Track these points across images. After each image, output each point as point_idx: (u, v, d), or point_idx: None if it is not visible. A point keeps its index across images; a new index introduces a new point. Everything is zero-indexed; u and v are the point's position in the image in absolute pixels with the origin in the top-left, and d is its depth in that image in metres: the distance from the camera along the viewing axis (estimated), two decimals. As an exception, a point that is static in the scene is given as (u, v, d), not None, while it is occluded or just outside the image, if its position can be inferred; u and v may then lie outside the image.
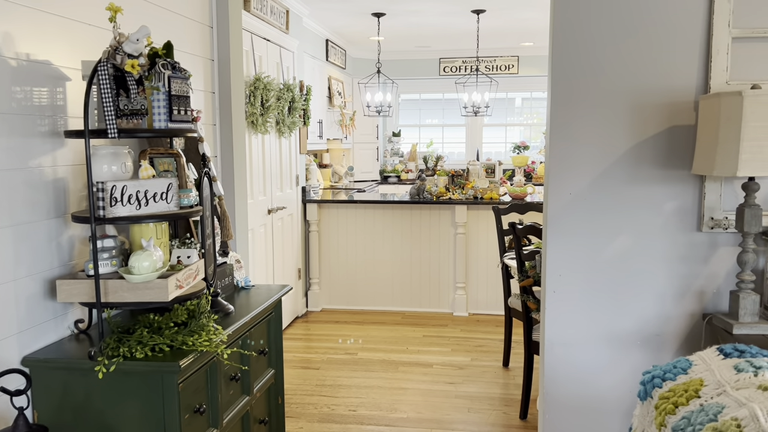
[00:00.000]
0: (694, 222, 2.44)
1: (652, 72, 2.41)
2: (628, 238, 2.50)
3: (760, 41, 2.32)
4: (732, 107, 2.05)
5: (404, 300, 5.65)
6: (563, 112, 2.50)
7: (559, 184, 2.53)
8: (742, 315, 2.21)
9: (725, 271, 2.44)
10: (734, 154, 2.05)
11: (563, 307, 2.57)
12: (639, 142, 2.46)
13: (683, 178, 2.44)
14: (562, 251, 2.55)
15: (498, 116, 9.00)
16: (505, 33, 7.25)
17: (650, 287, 2.50)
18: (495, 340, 4.82)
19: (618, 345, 2.54)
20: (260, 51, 4.53)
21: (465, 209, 5.43)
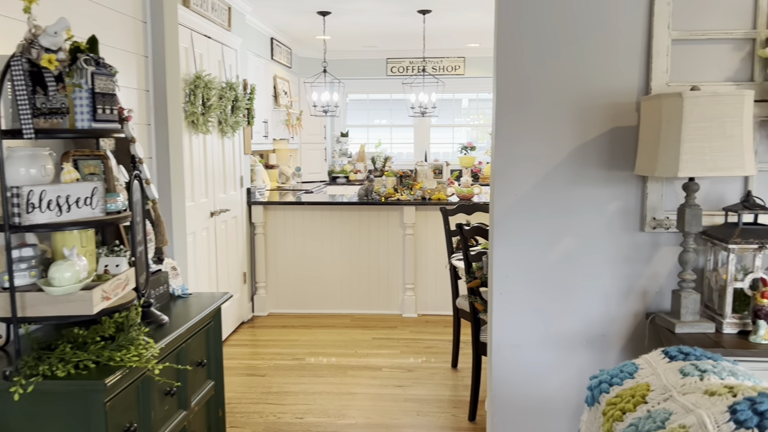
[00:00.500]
0: (637, 222, 2.46)
1: (595, 73, 2.42)
2: (573, 239, 2.50)
3: (698, 43, 2.35)
4: (673, 108, 2.06)
5: (353, 302, 5.57)
6: (508, 114, 2.48)
7: (505, 186, 2.51)
8: (683, 314, 2.23)
9: (667, 270, 2.47)
10: (675, 155, 2.06)
11: (510, 309, 2.55)
12: (583, 143, 2.46)
13: (626, 178, 2.45)
14: (509, 253, 2.53)
15: (445, 117, 9.02)
16: (451, 34, 7.27)
17: (595, 288, 2.51)
18: (444, 340, 4.80)
19: (564, 346, 2.54)
20: (201, 48, 4.38)
21: (413, 210, 5.40)
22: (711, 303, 2.33)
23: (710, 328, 2.21)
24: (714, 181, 2.40)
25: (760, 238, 2.16)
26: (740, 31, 2.31)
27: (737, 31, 2.31)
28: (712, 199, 2.41)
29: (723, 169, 2.04)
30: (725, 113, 2.03)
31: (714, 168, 2.04)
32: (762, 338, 2.09)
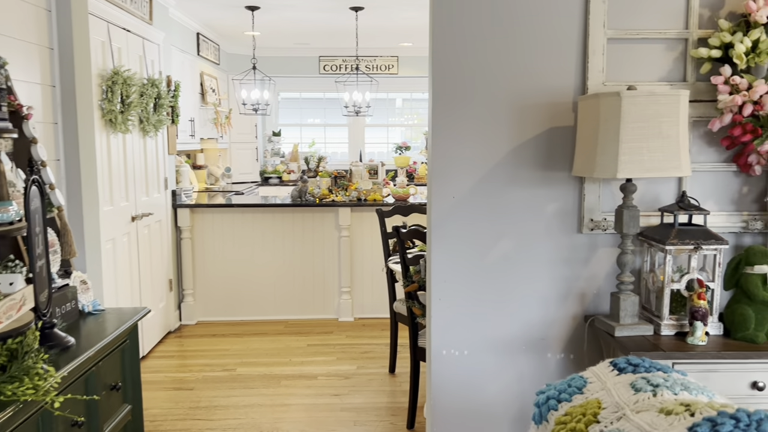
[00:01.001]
0: (575, 224, 2.42)
1: (533, 72, 2.36)
2: (511, 241, 2.44)
3: (633, 42, 2.32)
4: (611, 108, 2.02)
5: (287, 308, 5.39)
6: (445, 114, 2.39)
7: (442, 188, 2.42)
8: (623, 317, 2.20)
9: (605, 272, 2.44)
10: (614, 155, 2.02)
11: (449, 314, 2.46)
12: (521, 144, 2.40)
13: (564, 180, 2.40)
14: (447, 257, 2.44)
15: (379, 116, 8.94)
16: (384, 32, 7.18)
17: (534, 291, 2.45)
18: (381, 344, 4.70)
19: (504, 350, 2.48)
20: (119, 42, 4.10)
21: (349, 211, 5.27)
22: (648, 305, 2.32)
23: (649, 331, 2.19)
24: (649, 182, 2.39)
25: (695, 239, 2.15)
26: (673, 31, 2.30)
27: (670, 31, 2.30)
28: (648, 200, 2.40)
29: (660, 170, 2.01)
30: (662, 113, 2.00)
31: (652, 169, 2.01)
32: (699, 339, 2.08)
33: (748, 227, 2.36)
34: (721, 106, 2.21)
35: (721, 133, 2.32)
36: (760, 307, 2.09)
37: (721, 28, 2.20)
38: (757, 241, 2.39)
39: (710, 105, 2.30)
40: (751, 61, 2.15)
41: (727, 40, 2.16)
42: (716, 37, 2.20)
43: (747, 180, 2.38)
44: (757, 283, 2.09)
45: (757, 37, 2.13)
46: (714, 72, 2.25)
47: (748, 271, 2.12)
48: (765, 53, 2.15)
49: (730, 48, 2.17)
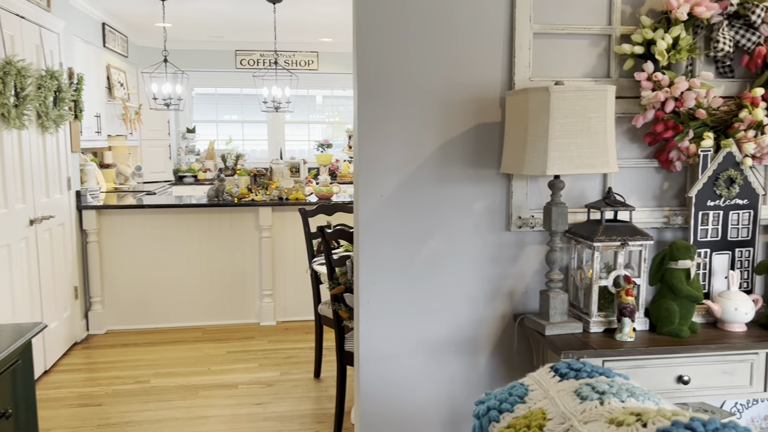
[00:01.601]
0: (503, 221, 2.38)
1: (459, 67, 2.29)
2: (440, 241, 2.37)
3: (559, 38, 2.30)
4: (539, 103, 1.98)
5: (205, 313, 5.14)
6: (370, 111, 2.28)
7: (369, 187, 2.32)
8: (552, 315, 2.18)
9: (533, 269, 2.42)
10: (543, 152, 1.98)
11: (378, 318, 2.37)
12: (448, 141, 2.33)
13: (491, 177, 2.36)
14: (375, 258, 2.34)
15: (300, 113, 8.75)
16: (303, 27, 7.00)
17: (463, 291, 2.39)
18: (306, 348, 4.56)
19: (434, 353, 2.41)
20: (12, 30, 3.74)
21: (270, 211, 5.08)
22: (577, 302, 2.31)
23: (578, 328, 2.17)
24: (575, 178, 2.38)
25: (622, 235, 2.15)
26: (597, 26, 2.30)
27: (594, 27, 2.30)
28: (574, 196, 2.39)
29: (589, 166, 1.99)
30: (590, 109, 1.98)
31: (581, 165, 1.98)
32: (627, 336, 2.08)
33: (669, 222, 2.40)
34: (644, 102, 2.22)
35: (644, 129, 2.34)
36: (684, 302, 2.11)
37: (643, 24, 2.21)
38: (678, 236, 2.44)
39: (633, 101, 2.32)
40: (672, 58, 2.17)
41: (649, 37, 2.18)
42: (639, 33, 2.21)
43: (668, 176, 2.41)
44: (681, 277, 2.12)
45: (677, 34, 2.15)
46: (637, 68, 2.27)
47: (672, 266, 2.14)
48: (685, 50, 2.18)
49: (652, 44, 2.19)
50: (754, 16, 2.18)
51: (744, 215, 2.29)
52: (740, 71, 2.36)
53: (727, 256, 2.31)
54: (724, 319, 2.18)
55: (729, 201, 2.27)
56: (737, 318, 2.15)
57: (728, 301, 2.16)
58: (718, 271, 2.31)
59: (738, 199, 2.27)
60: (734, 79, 2.36)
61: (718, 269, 2.31)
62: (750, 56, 2.26)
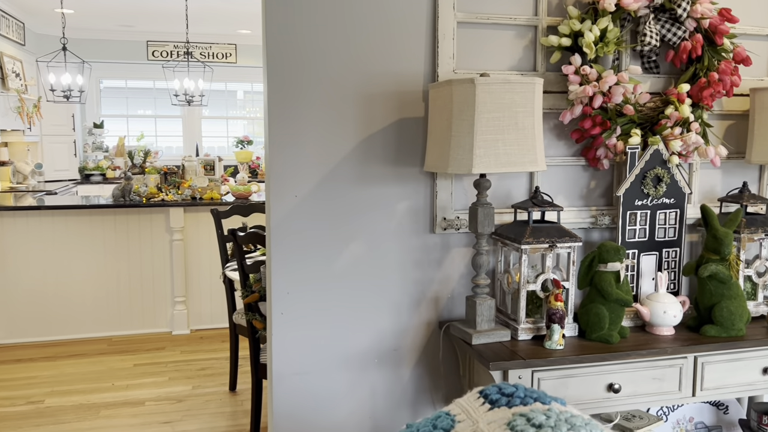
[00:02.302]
0: (428, 223, 2.22)
1: (379, 57, 2.12)
2: (361, 244, 2.18)
3: (484, 28, 2.17)
4: (464, 96, 1.83)
5: (111, 323, 4.75)
6: (283, 104, 2.07)
7: (282, 186, 2.11)
8: (479, 322, 2.04)
9: (459, 273, 2.28)
10: (469, 149, 1.83)
11: (293, 331, 2.16)
12: (368, 137, 2.15)
13: (414, 175, 2.20)
14: (290, 265, 2.13)
15: (218, 108, 8.37)
16: (220, 17, 6.66)
17: (386, 298, 2.23)
18: (222, 359, 4.27)
19: (355, 366, 2.22)
20: None
21: (181, 212, 4.75)
22: (504, 307, 2.19)
23: (506, 336, 2.04)
24: (501, 177, 2.26)
25: (550, 237, 2.04)
26: (523, 17, 2.18)
27: (520, 17, 2.18)
28: (500, 196, 2.27)
29: (516, 164, 1.86)
30: (518, 102, 1.85)
31: (508, 163, 1.85)
32: (557, 344, 1.97)
33: (596, 223, 2.31)
34: (572, 97, 2.12)
35: (571, 125, 2.24)
36: (614, 306, 2.02)
37: (570, 15, 2.11)
38: (605, 237, 2.36)
39: (560, 96, 2.21)
40: (600, 51, 2.08)
41: (576, 28, 2.07)
42: (566, 24, 2.10)
43: (595, 174, 2.33)
44: (611, 281, 2.03)
45: (605, 26, 2.06)
46: (564, 61, 2.16)
47: (601, 269, 2.05)
48: (613, 43, 2.09)
49: (579, 37, 2.08)
50: (680, 9, 2.11)
51: (671, 215, 2.24)
52: (665, 67, 2.31)
53: (655, 257, 2.24)
54: (653, 323, 2.11)
55: (656, 200, 2.21)
56: (666, 321, 2.08)
57: (657, 304, 2.10)
58: (645, 273, 2.24)
59: (665, 199, 2.21)
60: (659, 75, 2.30)
61: (645, 270, 2.24)
62: (675, 51, 2.20)
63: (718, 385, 2.07)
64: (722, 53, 2.18)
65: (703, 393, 2.06)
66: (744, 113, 2.40)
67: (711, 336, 2.08)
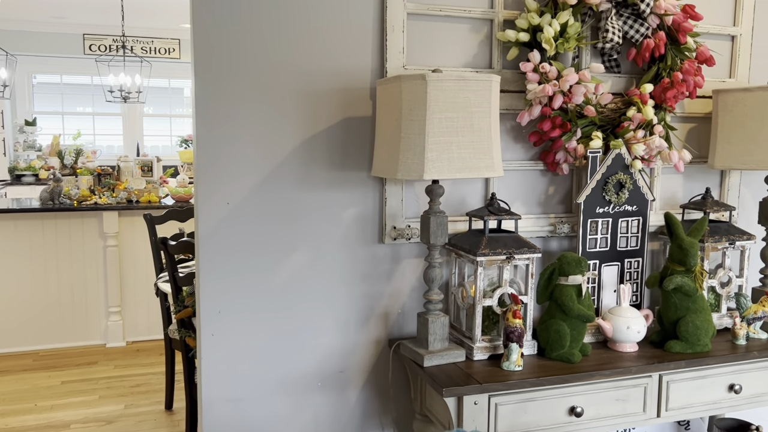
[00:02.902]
0: (376, 232, 2.04)
1: (321, 51, 1.92)
2: (303, 256, 1.98)
3: (436, 20, 1.99)
4: (415, 94, 1.65)
5: (38, 336, 4.39)
6: (214, 101, 1.86)
7: (212, 192, 1.88)
8: (432, 342, 1.86)
9: (410, 287, 2.10)
10: (420, 152, 1.65)
11: (226, 354, 1.94)
12: (311, 137, 1.95)
13: (362, 180, 2.01)
14: (222, 280, 1.91)
15: (161, 106, 8.00)
16: (162, 11, 6.33)
17: (331, 314, 2.03)
18: (159, 373, 3.99)
19: (296, 391, 2.02)
20: None
21: (116, 216, 4.44)
22: (458, 324, 2.02)
23: (461, 356, 1.87)
24: (455, 182, 2.09)
25: (507, 247, 1.88)
26: (478, 9, 2.01)
27: (475, 10, 2.01)
28: (454, 203, 2.10)
29: (472, 170, 1.69)
30: (473, 102, 1.68)
31: (462, 168, 1.68)
32: (515, 364, 1.81)
33: (555, 231, 2.17)
34: (530, 96, 1.97)
35: (529, 127, 2.09)
36: (575, 322, 1.88)
37: (529, 8, 1.95)
38: (564, 246, 2.22)
39: (517, 96, 2.06)
40: (560, 47, 1.93)
41: (535, 23, 1.92)
42: (524, 18, 1.95)
43: (553, 179, 2.19)
44: (572, 295, 1.88)
45: (565, 21, 1.91)
46: (521, 58, 2.01)
47: (562, 282, 1.90)
48: (573, 39, 1.94)
49: (538, 32, 1.93)
50: (643, 4, 1.99)
51: (633, 223, 2.11)
52: (626, 66, 2.18)
53: (617, 268, 2.11)
54: (616, 339, 1.97)
55: (618, 207, 2.08)
56: (629, 337, 1.95)
57: (620, 319, 1.96)
58: (607, 285, 2.11)
59: (627, 206, 2.09)
60: (621, 75, 2.18)
61: (607, 282, 2.11)
62: (638, 50, 2.08)
63: (684, 404, 1.96)
64: (685, 52, 2.07)
65: (668, 413, 1.94)
66: (706, 116, 2.30)
67: (676, 352, 1.95)
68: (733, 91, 2.12)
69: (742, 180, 2.40)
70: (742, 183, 2.40)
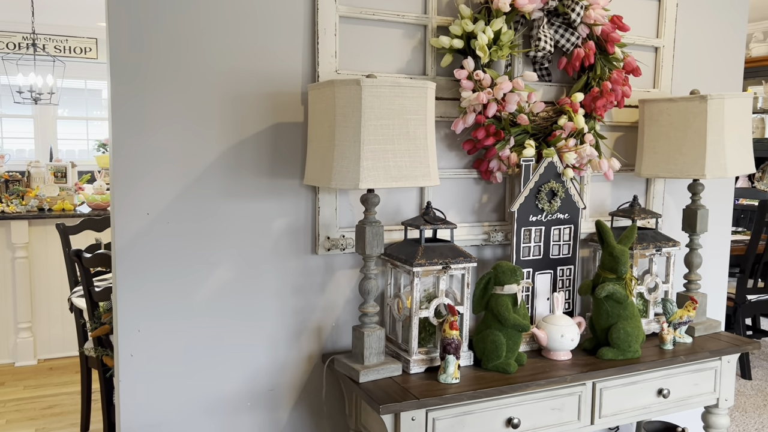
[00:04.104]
0: (309, 243, 1.96)
1: (249, 52, 1.83)
2: (230, 269, 1.87)
3: (369, 24, 1.94)
4: (350, 100, 1.59)
5: (-64, 357, 4.03)
6: (132, 104, 1.73)
7: (130, 202, 1.75)
8: (367, 356, 1.80)
9: (344, 298, 2.03)
10: (355, 161, 1.59)
11: (147, 375, 1.81)
12: (238, 143, 1.85)
13: (294, 189, 1.92)
14: (142, 297, 1.78)
15: (77, 108, 7.58)
16: (77, 8, 5.99)
17: (261, 330, 1.93)
18: (73, 393, 3.73)
19: (223, 413, 1.91)
20: None
21: (26, 225, 4.14)
22: (394, 336, 1.96)
23: (397, 370, 1.82)
24: (389, 191, 2.04)
25: (444, 257, 1.84)
26: (411, 14, 1.97)
27: (409, 15, 1.97)
28: (388, 212, 2.05)
29: (408, 179, 1.65)
30: (409, 109, 1.63)
31: (399, 177, 1.63)
32: (452, 377, 1.77)
33: (489, 239, 2.16)
34: (464, 104, 1.94)
35: (463, 135, 2.07)
36: (511, 332, 1.86)
37: (462, 15, 1.93)
38: (498, 254, 2.21)
39: (451, 103, 2.03)
40: (494, 55, 1.92)
41: (469, 29, 1.90)
42: (457, 25, 1.92)
43: (487, 188, 2.17)
44: (508, 305, 1.86)
45: (499, 28, 1.90)
46: (455, 65, 1.98)
47: (498, 292, 1.88)
48: (507, 46, 1.93)
49: (472, 39, 1.91)
50: (573, 14, 2.00)
51: (565, 231, 2.12)
52: (556, 74, 2.20)
53: (550, 276, 2.12)
54: (550, 347, 1.97)
55: (551, 216, 2.08)
56: (564, 345, 1.96)
57: (554, 327, 1.96)
58: (540, 293, 2.11)
59: (559, 214, 2.10)
60: (551, 83, 2.19)
61: (540, 290, 2.11)
62: (568, 58, 2.09)
63: (616, 410, 1.98)
64: (614, 62, 2.11)
65: (601, 420, 1.95)
66: (632, 125, 2.36)
67: (608, 359, 1.97)
68: (658, 101, 2.18)
69: (666, 188, 2.47)
70: (666, 191, 2.47)
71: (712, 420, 2.21)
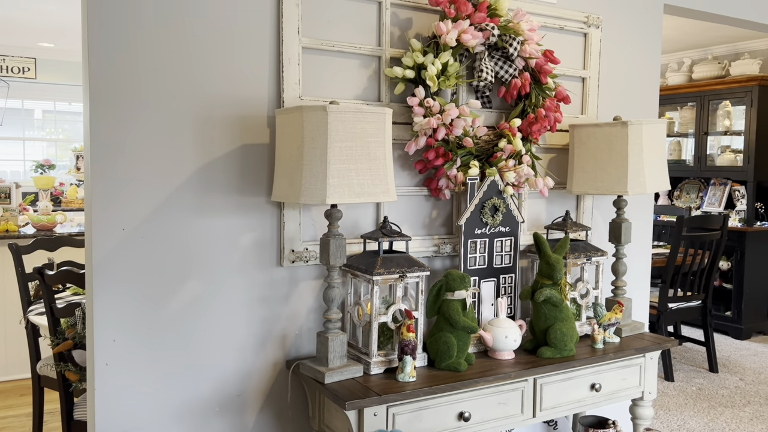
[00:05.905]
0: (274, 256, 2.10)
1: (219, 79, 1.97)
2: (200, 282, 1.99)
3: (329, 55, 2.12)
4: (316, 124, 1.76)
5: None
6: (108, 126, 1.84)
7: (106, 218, 1.85)
8: (331, 359, 1.95)
9: (307, 308, 2.18)
10: (322, 179, 1.76)
11: (121, 383, 1.90)
12: (208, 163, 1.98)
13: (260, 205, 2.07)
14: (117, 308, 1.88)
15: (13, 129, 7.41)
16: (17, 27, 5.92)
17: (229, 339, 2.05)
18: (22, 416, 3.68)
19: (193, 418, 2.01)
20: None
21: (-33, 247, 4.06)
22: (355, 341, 2.12)
23: (359, 372, 1.98)
24: (349, 207, 2.21)
25: (400, 267, 2.02)
26: (367, 46, 2.17)
27: (364, 47, 2.17)
28: (348, 226, 2.22)
29: (369, 195, 1.82)
30: (369, 132, 1.82)
31: (361, 193, 1.81)
32: (409, 376, 1.94)
33: (439, 251, 2.35)
34: (417, 128, 2.14)
35: (415, 156, 2.27)
36: (462, 334, 2.05)
37: (413, 48, 2.14)
38: (447, 264, 2.41)
39: (404, 127, 2.23)
40: (443, 84, 2.13)
41: (420, 61, 2.11)
42: (409, 56, 2.13)
43: (436, 204, 2.38)
44: (458, 309, 2.06)
45: (446, 60, 2.12)
46: (408, 93, 2.19)
47: (449, 297, 2.07)
48: (453, 77, 2.15)
49: (422, 69, 2.12)
50: (511, 48, 2.25)
51: (506, 242, 2.34)
52: (497, 102, 2.44)
53: (494, 283, 2.33)
54: (496, 348, 2.17)
55: (494, 229, 2.30)
56: (507, 346, 2.16)
57: (498, 329, 2.17)
58: (485, 299, 2.32)
59: (501, 227, 2.32)
60: (492, 110, 2.43)
61: (485, 297, 2.32)
62: (507, 88, 2.34)
63: (554, 404, 2.19)
64: (546, 91, 2.36)
65: (542, 413, 2.16)
66: (563, 147, 2.62)
67: (547, 357, 2.19)
68: (585, 126, 2.45)
69: (594, 203, 2.75)
70: (594, 206, 2.75)
71: (638, 411, 2.47)
